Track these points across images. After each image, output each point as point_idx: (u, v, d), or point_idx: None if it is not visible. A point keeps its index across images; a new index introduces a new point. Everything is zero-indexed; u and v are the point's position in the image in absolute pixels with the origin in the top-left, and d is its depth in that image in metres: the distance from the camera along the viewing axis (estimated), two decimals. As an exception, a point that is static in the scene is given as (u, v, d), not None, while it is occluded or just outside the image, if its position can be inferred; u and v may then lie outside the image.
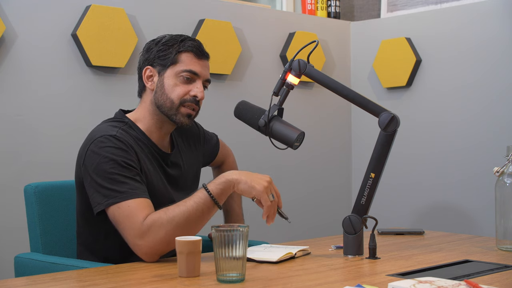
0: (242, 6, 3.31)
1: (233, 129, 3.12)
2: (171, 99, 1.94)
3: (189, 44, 1.96)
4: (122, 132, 1.89)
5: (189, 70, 1.94)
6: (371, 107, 1.90)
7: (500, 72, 3.16)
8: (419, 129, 3.45)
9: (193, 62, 1.95)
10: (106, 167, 1.79)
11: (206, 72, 1.99)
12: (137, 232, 1.74)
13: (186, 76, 1.94)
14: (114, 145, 1.82)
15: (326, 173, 3.64)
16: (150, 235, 1.73)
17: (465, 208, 3.27)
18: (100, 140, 1.83)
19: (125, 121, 1.96)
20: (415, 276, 1.59)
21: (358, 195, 1.90)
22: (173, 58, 1.94)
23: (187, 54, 1.95)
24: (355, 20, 3.90)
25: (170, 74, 1.95)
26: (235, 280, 1.51)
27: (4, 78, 2.53)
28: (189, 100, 1.95)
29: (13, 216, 2.50)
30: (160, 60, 1.96)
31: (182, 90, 1.94)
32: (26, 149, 2.57)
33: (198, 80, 1.97)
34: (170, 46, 1.96)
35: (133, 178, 1.80)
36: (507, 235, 1.99)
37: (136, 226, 1.74)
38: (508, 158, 2.00)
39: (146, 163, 1.91)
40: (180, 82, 1.94)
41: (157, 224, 1.73)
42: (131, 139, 1.89)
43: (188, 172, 2.11)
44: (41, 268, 1.90)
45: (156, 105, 1.96)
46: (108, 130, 1.87)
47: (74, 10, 2.70)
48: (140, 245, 1.74)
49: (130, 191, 1.77)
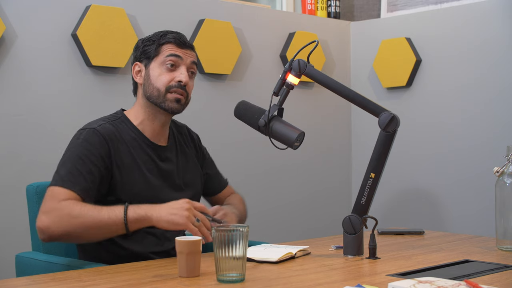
0: (242, 6, 3.31)
1: (233, 129, 3.12)
2: (157, 88, 2.00)
3: (170, 36, 2.04)
4: (107, 126, 1.96)
5: (170, 54, 2.01)
6: (371, 107, 1.90)
7: (500, 72, 3.16)
8: (419, 129, 3.45)
9: (174, 50, 2.02)
10: (67, 155, 1.91)
11: (189, 57, 2.04)
12: (48, 207, 1.80)
13: (169, 63, 2.00)
14: (86, 138, 1.91)
15: (326, 173, 3.64)
16: (55, 215, 1.78)
17: (465, 208, 3.27)
18: (79, 132, 1.96)
19: (118, 116, 2.04)
20: (415, 276, 1.59)
21: (358, 195, 1.90)
22: (155, 50, 2.02)
23: (168, 45, 2.03)
24: (355, 20, 3.90)
25: (155, 65, 2.02)
26: (235, 280, 1.52)
27: (4, 78, 2.53)
28: (175, 85, 2.00)
29: (16, 215, 2.50)
30: (145, 54, 2.04)
31: (167, 78, 2.00)
32: (26, 149, 2.57)
33: (182, 66, 2.02)
34: (153, 41, 2.04)
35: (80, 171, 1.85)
36: (507, 235, 1.99)
37: (51, 203, 1.80)
38: (508, 158, 2.00)
39: (130, 156, 1.96)
40: (164, 71, 2.01)
41: (66, 211, 1.78)
42: (116, 132, 1.97)
43: (184, 169, 2.11)
44: (41, 267, 1.91)
45: (146, 97, 2.03)
46: (93, 124, 1.97)
47: (74, 10, 2.70)
48: (42, 220, 1.79)
49: (69, 181, 1.83)
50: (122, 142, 1.97)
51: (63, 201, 1.80)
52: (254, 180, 3.29)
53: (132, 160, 1.97)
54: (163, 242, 1.99)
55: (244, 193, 2.35)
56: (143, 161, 1.99)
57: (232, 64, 3.17)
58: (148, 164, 2.00)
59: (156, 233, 1.98)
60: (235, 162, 3.17)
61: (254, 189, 3.27)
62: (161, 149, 2.05)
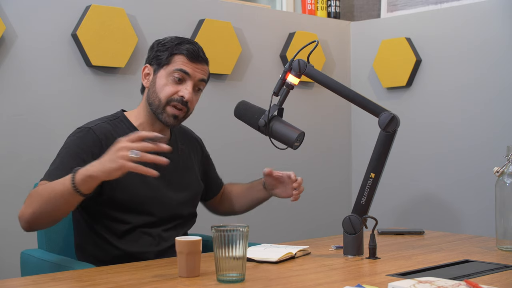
0: (242, 6, 3.31)
1: (233, 129, 3.12)
2: (159, 98, 1.99)
3: (184, 48, 2.00)
4: (103, 125, 1.97)
5: (179, 69, 1.98)
6: (371, 107, 1.90)
7: (500, 72, 3.16)
8: (419, 129, 3.45)
9: (185, 63, 1.99)
10: (59, 152, 1.93)
11: (198, 74, 2.01)
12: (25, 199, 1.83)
13: (177, 77, 1.98)
14: (80, 136, 1.93)
15: (326, 173, 3.64)
16: (26, 201, 1.81)
17: (465, 208, 3.27)
18: (76, 130, 1.98)
19: (117, 115, 2.05)
20: (415, 276, 1.59)
21: (358, 195, 1.90)
22: (166, 59, 1.99)
23: (180, 56, 1.99)
24: (355, 20, 3.90)
25: (163, 74, 2.00)
26: (235, 280, 1.52)
27: (4, 78, 2.53)
28: (176, 99, 1.98)
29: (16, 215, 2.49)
30: (156, 60, 2.02)
31: (171, 90, 1.98)
32: (26, 149, 2.57)
33: (189, 81, 2.00)
34: (167, 47, 2.01)
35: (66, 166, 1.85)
36: (507, 235, 1.99)
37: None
38: (508, 158, 2.00)
39: None
40: (170, 82, 1.99)
41: (32, 193, 1.81)
42: (113, 131, 1.96)
43: (183, 170, 2.11)
44: (42, 265, 1.93)
45: (148, 102, 2.02)
46: (90, 123, 1.99)
47: (74, 10, 2.70)
48: (20, 210, 1.81)
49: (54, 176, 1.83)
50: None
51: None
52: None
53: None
54: (158, 241, 1.99)
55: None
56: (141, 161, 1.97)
57: (232, 64, 3.17)
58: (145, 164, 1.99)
59: (152, 233, 1.98)
60: (235, 162, 3.17)
61: (254, 189, 3.27)
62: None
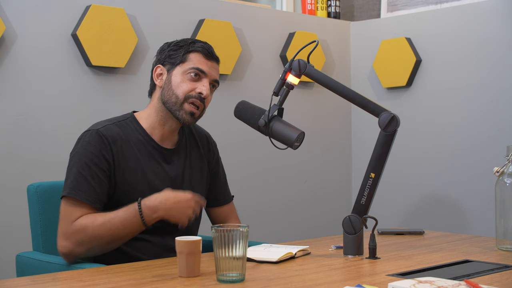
0: (242, 6, 3.31)
1: (233, 129, 3.12)
2: (176, 94, 1.99)
3: (199, 45, 2.03)
4: (111, 127, 1.96)
5: (196, 68, 1.99)
6: (371, 107, 1.90)
7: (500, 72, 3.16)
8: (419, 129, 3.45)
9: (201, 61, 2.01)
10: (73, 160, 1.92)
11: (214, 72, 2.03)
12: (65, 230, 1.83)
13: (194, 73, 1.99)
14: (89, 140, 1.92)
15: (326, 173, 3.64)
16: (73, 238, 1.82)
17: (465, 208, 3.27)
18: (83, 134, 1.96)
19: (126, 117, 2.04)
20: (415, 276, 1.59)
21: (358, 195, 1.90)
22: (182, 57, 2.00)
23: (196, 54, 2.01)
24: (355, 20, 3.90)
25: (178, 72, 2.00)
26: (235, 280, 1.52)
27: (4, 78, 2.53)
28: (194, 96, 1.99)
29: (16, 215, 2.50)
30: (170, 59, 2.02)
31: (188, 87, 1.99)
32: (26, 149, 2.57)
33: (205, 79, 2.01)
34: (181, 46, 2.03)
35: (86, 176, 1.87)
36: (507, 235, 1.99)
37: (66, 226, 1.84)
38: (508, 158, 2.00)
39: (135, 158, 1.96)
40: (187, 79, 2.00)
41: (83, 231, 1.82)
42: (121, 133, 1.96)
43: (191, 173, 2.10)
44: (40, 267, 1.92)
45: (162, 101, 2.01)
46: (97, 125, 1.97)
47: (74, 10, 2.70)
48: (63, 246, 1.83)
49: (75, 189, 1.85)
50: (127, 144, 1.96)
51: (76, 222, 1.83)
52: (254, 180, 3.28)
53: (137, 162, 1.96)
54: (161, 252, 1.98)
55: (244, 193, 2.36)
56: (149, 164, 1.98)
57: (232, 64, 3.17)
58: (154, 167, 1.99)
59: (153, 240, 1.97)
60: (235, 162, 3.17)
61: (254, 189, 3.27)
62: (168, 152, 2.04)
